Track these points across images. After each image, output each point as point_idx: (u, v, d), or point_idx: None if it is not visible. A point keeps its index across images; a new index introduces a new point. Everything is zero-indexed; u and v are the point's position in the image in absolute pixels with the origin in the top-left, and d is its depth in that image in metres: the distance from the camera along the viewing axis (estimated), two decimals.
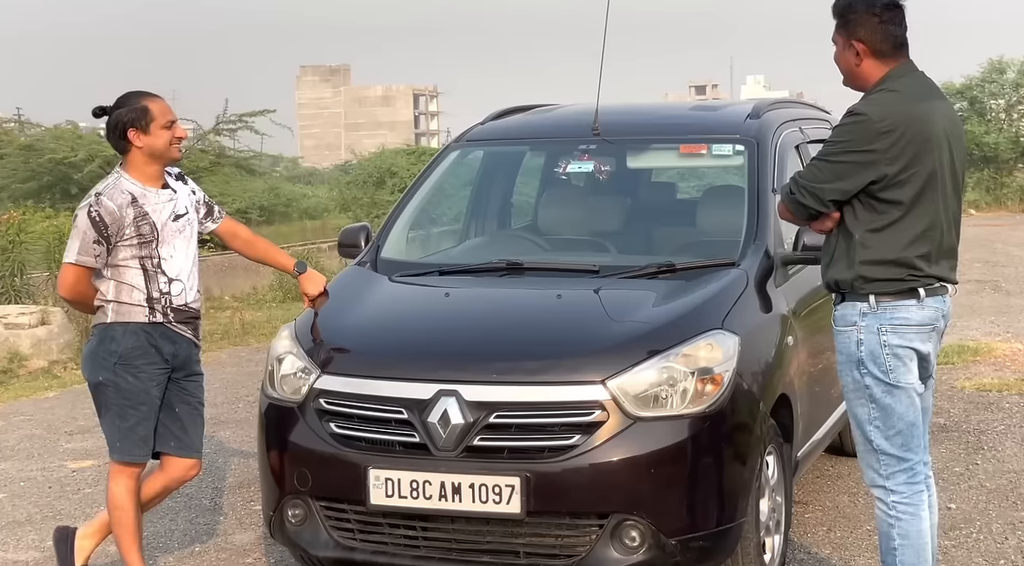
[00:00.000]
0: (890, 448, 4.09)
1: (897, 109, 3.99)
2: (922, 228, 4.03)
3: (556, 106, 6.76)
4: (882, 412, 4.08)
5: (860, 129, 3.98)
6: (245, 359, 11.24)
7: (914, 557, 4.08)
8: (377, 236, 5.71)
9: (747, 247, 5.13)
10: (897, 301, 4.04)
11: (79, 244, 4.53)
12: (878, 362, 4.06)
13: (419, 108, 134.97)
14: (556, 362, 4.45)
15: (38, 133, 26.43)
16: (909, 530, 4.07)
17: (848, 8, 4.10)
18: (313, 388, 4.62)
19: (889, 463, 4.09)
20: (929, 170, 4.00)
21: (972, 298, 12.92)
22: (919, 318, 4.05)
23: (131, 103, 4.60)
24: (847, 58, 4.15)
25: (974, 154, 30.99)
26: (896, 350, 4.04)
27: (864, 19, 4.07)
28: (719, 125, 5.91)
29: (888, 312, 4.04)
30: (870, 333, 4.05)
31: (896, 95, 4.04)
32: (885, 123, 3.95)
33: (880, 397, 4.07)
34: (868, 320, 4.05)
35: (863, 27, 4.07)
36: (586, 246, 5.81)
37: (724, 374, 4.43)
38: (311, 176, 64.08)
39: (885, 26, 4.07)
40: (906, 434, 4.09)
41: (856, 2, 4.09)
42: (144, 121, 4.57)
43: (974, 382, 8.58)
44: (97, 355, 4.63)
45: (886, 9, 4.08)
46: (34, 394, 9.81)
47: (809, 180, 4.07)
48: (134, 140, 4.58)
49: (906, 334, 4.05)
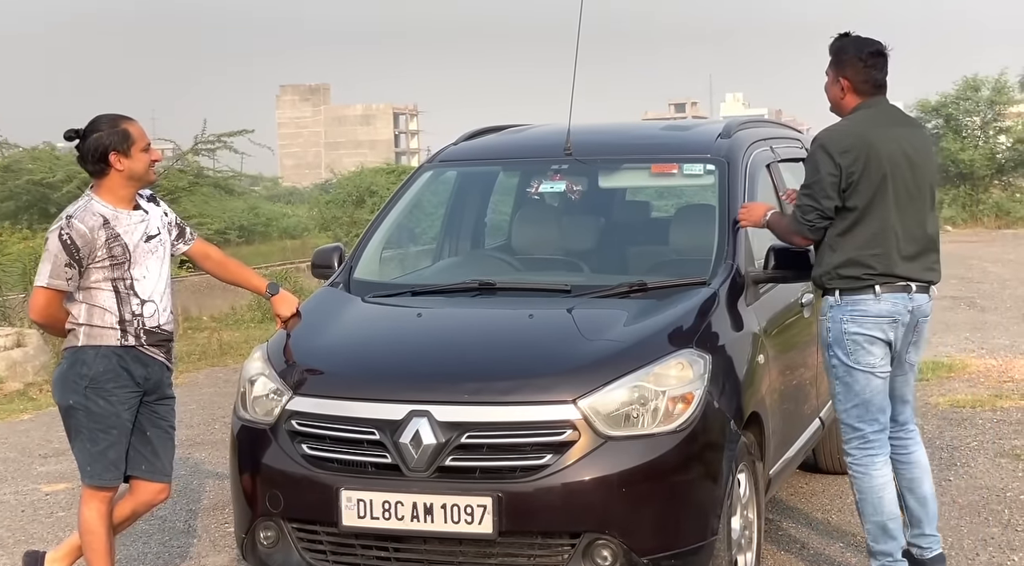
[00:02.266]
0: (847, 419, 4.88)
1: (851, 131, 4.81)
2: (872, 232, 4.76)
3: (529, 126, 6.79)
4: (844, 388, 4.88)
5: (824, 153, 4.76)
6: (222, 380, 11.21)
7: (871, 508, 4.87)
8: (350, 257, 5.72)
9: (718, 266, 5.17)
10: (856, 295, 4.80)
11: (51, 267, 4.52)
12: (841, 346, 4.84)
13: (399, 127, 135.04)
14: (527, 382, 4.47)
15: (16, 154, 26.36)
16: (863, 486, 4.88)
17: (841, 50, 4.92)
18: (285, 409, 4.62)
19: (847, 431, 4.90)
20: (877, 182, 4.73)
21: (947, 314, 13.00)
22: (876, 310, 4.79)
23: (110, 126, 4.59)
24: (834, 90, 4.95)
25: (950, 171, 31.26)
26: (854, 337, 4.80)
27: (852, 61, 4.88)
28: (690, 145, 5.96)
29: (849, 305, 4.81)
30: (835, 322, 4.84)
31: (853, 122, 4.86)
32: (841, 144, 4.76)
33: (842, 376, 4.86)
34: (834, 311, 4.85)
35: (851, 68, 4.88)
36: (559, 266, 5.84)
37: (695, 393, 4.46)
38: (291, 195, 64.03)
39: (869, 70, 4.89)
40: (861, 408, 4.85)
41: (848, 45, 4.92)
42: (126, 144, 4.57)
43: (948, 398, 8.63)
44: (68, 379, 4.61)
45: (871, 55, 4.89)
46: (9, 417, 9.77)
47: (812, 205, 4.78)
48: (115, 163, 4.57)
49: (864, 323, 4.79)
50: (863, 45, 4.90)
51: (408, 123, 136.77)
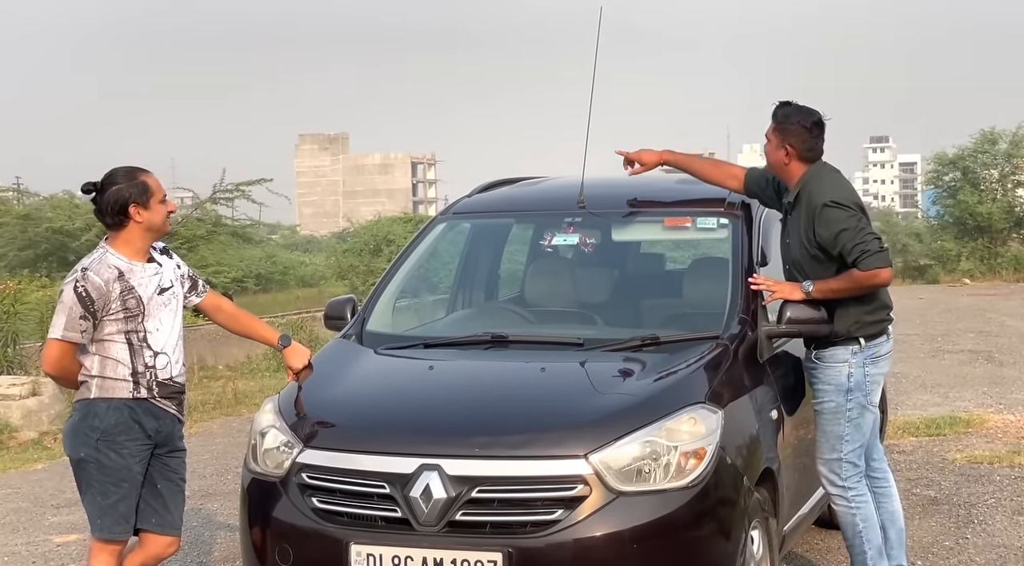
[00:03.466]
0: (850, 458, 5.16)
1: (850, 189, 5.26)
2: None
3: (543, 178, 6.81)
4: (854, 429, 5.15)
5: (848, 203, 5.07)
6: (236, 430, 11.20)
7: (872, 533, 5.19)
8: (363, 308, 5.73)
9: (731, 320, 5.15)
10: (877, 339, 5.16)
11: (65, 320, 4.54)
12: (862, 389, 5.13)
13: (417, 176, 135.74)
14: (538, 436, 4.45)
15: (36, 202, 26.61)
16: (868, 514, 5.19)
17: (787, 118, 5.21)
18: (296, 462, 4.61)
19: (848, 469, 5.18)
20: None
21: (965, 368, 12.91)
22: (886, 350, 5.24)
23: (128, 179, 4.62)
24: (778, 155, 5.23)
25: (967, 224, 31.16)
26: (875, 377, 5.19)
27: (799, 130, 5.18)
28: (704, 198, 5.96)
29: (870, 349, 5.14)
30: (858, 367, 5.11)
31: (838, 179, 5.24)
32: (853, 196, 5.19)
33: (855, 418, 5.13)
34: (858, 357, 5.11)
35: (796, 136, 5.18)
36: (572, 318, 5.83)
37: (707, 448, 4.43)
38: (308, 243, 64.31)
39: (813, 139, 5.19)
40: (863, 447, 5.22)
41: (793, 114, 5.21)
42: (145, 197, 4.61)
43: (965, 454, 8.55)
44: (79, 431, 4.61)
45: (815, 125, 5.20)
46: (23, 466, 9.77)
47: (872, 234, 5.05)
48: (135, 215, 4.60)
49: (879, 363, 5.19)
50: (807, 114, 5.20)
51: (426, 172, 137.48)
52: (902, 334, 16.05)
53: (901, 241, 35.27)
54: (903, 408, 10.33)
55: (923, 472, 7.98)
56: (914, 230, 36.50)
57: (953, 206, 31.61)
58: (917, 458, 8.42)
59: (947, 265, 30.98)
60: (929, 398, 11.00)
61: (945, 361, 13.59)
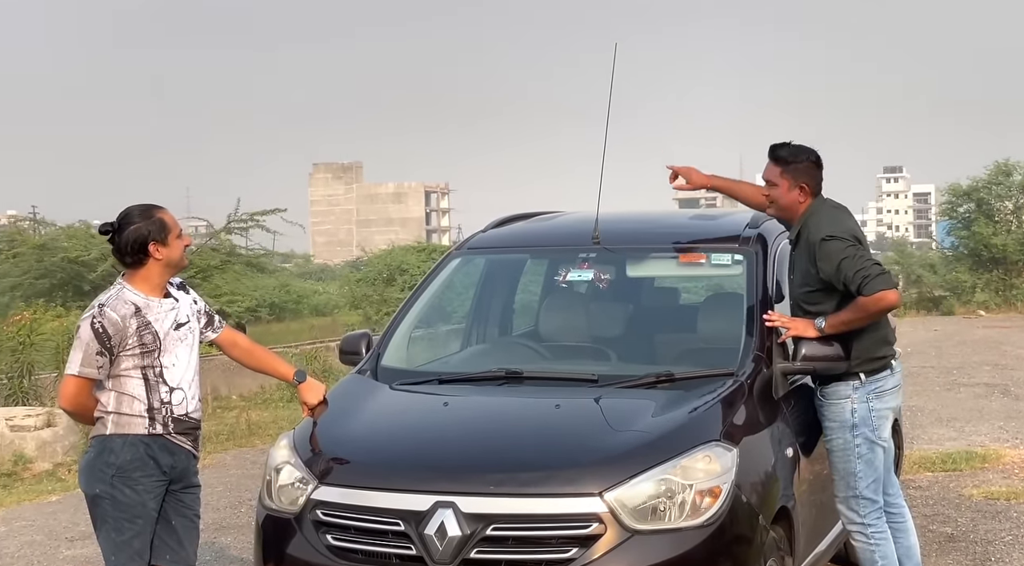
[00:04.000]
0: (866, 494, 5.19)
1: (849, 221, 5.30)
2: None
3: (558, 213, 6.83)
4: (866, 465, 5.17)
5: (847, 235, 5.09)
6: (250, 461, 11.18)
7: None
8: (378, 343, 5.74)
9: (746, 357, 5.15)
10: (878, 374, 5.18)
11: (82, 356, 4.56)
12: (868, 424, 5.14)
13: (430, 205, 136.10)
14: (553, 473, 4.45)
15: (52, 232, 26.73)
16: (887, 551, 5.23)
17: (795, 157, 5.24)
18: (310, 499, 4.61)
19: (867, 505, 5.20)
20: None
21: (980, 402, 12.84)
22: (891, 384, 5.24)
23: (144, 217, 4.65)
24: (793, 196, 5.25)
25: (982, 255, 31.08)
26: (881, 412, 5.19)
27: (809, 168, 5.25)
28: (718, 235, 5.97)
29: (872, 384, 5.17)
30: (861, 402, 5.14)
31: (839, 212, 5.29)
32: (855, 230, 5.22)
33: (865, 454, 5.16)
34: (859, 392, 5.15)
35: (806, 173, 5.23)
36: (586, 353, 5.83)
37: (723, 486, 4.42)
38: (322, 272, 64.53)
39: (820, 172, 5.28)
40: (877, 481, 5.21)
41: (800, 152, 5.27)
42: (163, 234, 4.64)
43: (982, 490, 8.49)
44: (95, 467, 4.62)
45: (818, 160, 5.28)
46: (37, 498, 9.77)
47: (870, 259, 5.08)
48: (154, 253, 4.63)
49: (884, 398, 5.20)
50: (809, 152, 5.28)
51: (439, 201, 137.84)
52: (917, 367, 15.98)
53: (916, 272, 35.19)
54: (919, 442, 10.27)
55: (939, 508, 7.93)
56: (928, 261, 36.43)
57: (968, 237, 31.56)
58: (933, 494, 8.37)
59: (962, 297, 30.90)
60: (945, 432, 10.94)
61: (961, 394, 13.52)
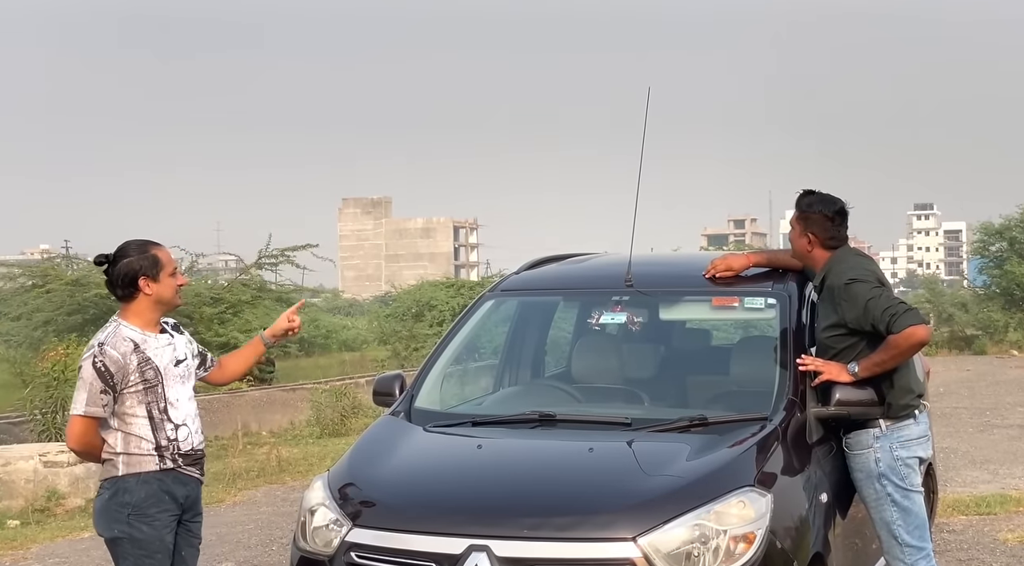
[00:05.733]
0: (912, 541, 5.14)
1: (872, 266, 5.34)
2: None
3: (590, 255, 6.85)
4: (903, 513, 5.14)
5: (869, 281, 5.15)
6: (280, 499, 11.21)
7: None
8: (411, 385, 5.77)
9: (779, 401, 5.14)
10: (901, 422, 5.15)
11: (86, 396, 4.62)
12: (896, 472, 5.12)
13: (459, 240, 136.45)
14: (587, 518, 4.45)
15: (85, 267, 26.93)
16: None
17: (809, 207, 5.34)
18: (344, 541, 4.63)
19: (912, 553, 5.15)
20: None
21: (1014, 444, 12.72)
22: (917, 433, 5.20)
23: (139, 252, 4.74)
24: (802, 243, 5.38)
25: (1015, 294, 30.87)
26: (907, 460, 5.14)
27: (820, 220, 5.31)
28: (751, 278, 5.98)
29: (894, 432, 5.13)
30: (885, 451, 5.11)
31: (863, 260, 5.37)
32: (877, 273, 5.28)
33: (900, 501, 5.13)
34: (882, 441, 5.12)
35: (818, 225, 5.31)
36: (619, 396, 5.84)
37: (757, 532, 4.41)
38: (351, 307, 64.67)
39: (836, 228, 5.31)
40: (921, 527, 5.18)
41: (816, 204, 5.34)
42: (155, 270, 4.72)
43: (1017, 534, 8.40)
44: (110, 509, 4.68)
45: (837, 214, 5.32)
46: (70, 534, 9.81)
47: (894, 297, 5.12)
48: (144, 288, 4.71)
49: (910, 446, 5.16)
50: (830, 204, 5.32)
51: (468, 236, 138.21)
52: (949, 407, 15.86)
53: (947, 311, 34.97)
54: (952, 485, 10.19)
55: (974, 553, 7.86)
56: (960, 300, 36.20)
57: (1000, 276, 31.38)
58: (967, 538, 8.28)
59: (994, 336, 30.66)
60: (979, 475, 10.85)
61: (994, 436, 13.40)
